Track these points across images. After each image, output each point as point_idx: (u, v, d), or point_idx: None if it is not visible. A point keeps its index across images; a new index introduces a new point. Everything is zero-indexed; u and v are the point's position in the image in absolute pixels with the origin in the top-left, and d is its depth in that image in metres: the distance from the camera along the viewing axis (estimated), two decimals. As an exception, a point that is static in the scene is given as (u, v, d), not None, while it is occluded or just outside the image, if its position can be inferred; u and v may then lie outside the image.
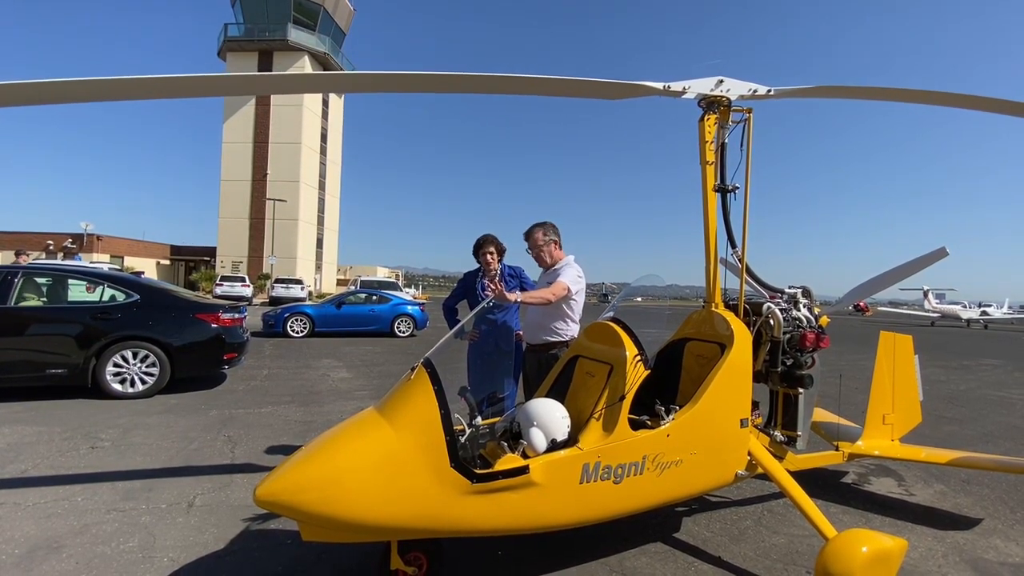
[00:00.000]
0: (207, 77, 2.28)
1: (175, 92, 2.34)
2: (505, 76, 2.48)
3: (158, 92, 2.30)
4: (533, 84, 2.62)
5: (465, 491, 2.20)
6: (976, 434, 6.10)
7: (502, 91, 2.61)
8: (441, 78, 2.46)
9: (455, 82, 2.49)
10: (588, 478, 2.45)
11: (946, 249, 3.33)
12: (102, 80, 2.08)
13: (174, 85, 2.25)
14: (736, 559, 2.96)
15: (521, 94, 2.70)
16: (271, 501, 2.07)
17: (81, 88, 2.11)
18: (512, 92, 2.65)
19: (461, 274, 4.45)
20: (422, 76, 2.45)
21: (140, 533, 2.99)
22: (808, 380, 3.24)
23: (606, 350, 2.86)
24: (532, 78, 2.53)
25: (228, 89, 2.52)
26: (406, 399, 2.29)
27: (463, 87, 2.54)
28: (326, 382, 7.94)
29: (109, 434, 4.82)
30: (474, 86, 2.54)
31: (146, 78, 2.14)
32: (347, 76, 2.54)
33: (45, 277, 6.55)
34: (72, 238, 37.72)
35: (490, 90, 2.58)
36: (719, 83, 3.09)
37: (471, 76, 2.44)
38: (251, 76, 2.82)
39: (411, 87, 2.56)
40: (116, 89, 2.16)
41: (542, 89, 2.71)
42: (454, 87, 2.55)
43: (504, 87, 2.59)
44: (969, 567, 2.97)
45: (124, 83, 2.12)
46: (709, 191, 3.17)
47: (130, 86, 2.16)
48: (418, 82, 2.51)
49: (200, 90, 2.39)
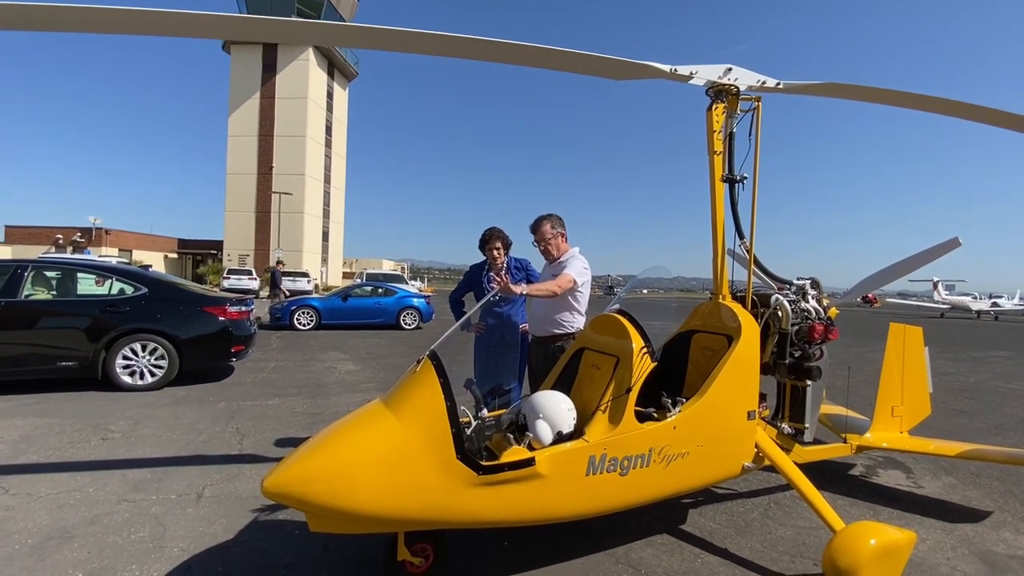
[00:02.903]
0: (207, 16, 2.15)
1: (174, 30, 2.19)
2: (503, 43, 2.37)
3: (154, 28, 2.17)
4: (533, 54, 2.51)
5: (471, 483, 2.21)
6: (986, 426, 6.05)
7: (500, 59, 2.48)
8: (435, 38, 2.32)
9: (451, 44, 2.37)
10: (594, 470, 2.44)
11: (959, 239, 3.28)
12: (91, 8, 1.96)
13: (173, 20, 2.12)
14: (743, 551, 2.95)
15: (519, 64, 2.58)
16: (278, 492, 2.08)
17: (70, 15, 1.99)
18: (510, 61, 2.53)
19: (467, 267, 4.45)
20: (413, 34, 2.30)
21: (151, 523, 3.02)
22: (816, 372, 3.22)
23: (612, 342, 2.84)
24: (532, 47, 2.42)
25: (225, 31, 2.34)
26: (412, 391, 2.29)
27: (459, 51, 2.42)
28: (333, 374, 7.98)
29: (119, 426, 4.87)
30: (471, 51, 2.41)
31: (140, 11, 2.02)
32: (338, 28, 2.44)
33: (54, 271, 6.60)
34: (81, 232, 38.13)
35: (487, 57, 2.46)
36: (727, 71, 3.04)
37: (467, 39, 2.31)
38: (242, 19, 2.58)
39: (402, 46, 2.39)
40: (106, 20, 2.03)
41: (542, 61, 2.61)
42: (450, 50, 2.42)
43: (502, 55, 2.48)
44: (979, 560, 2.95)
45: (114, 14, 1.99)
46: (717, 181, 3.13)
47: (120, 17, 2.02)
48: (409, 41, 2.36)
49: (200, 30, 2.24)
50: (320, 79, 44.50)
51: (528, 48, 2.46)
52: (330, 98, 46.49)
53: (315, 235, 45.28)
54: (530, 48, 2.46)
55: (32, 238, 37.81)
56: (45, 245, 36.17)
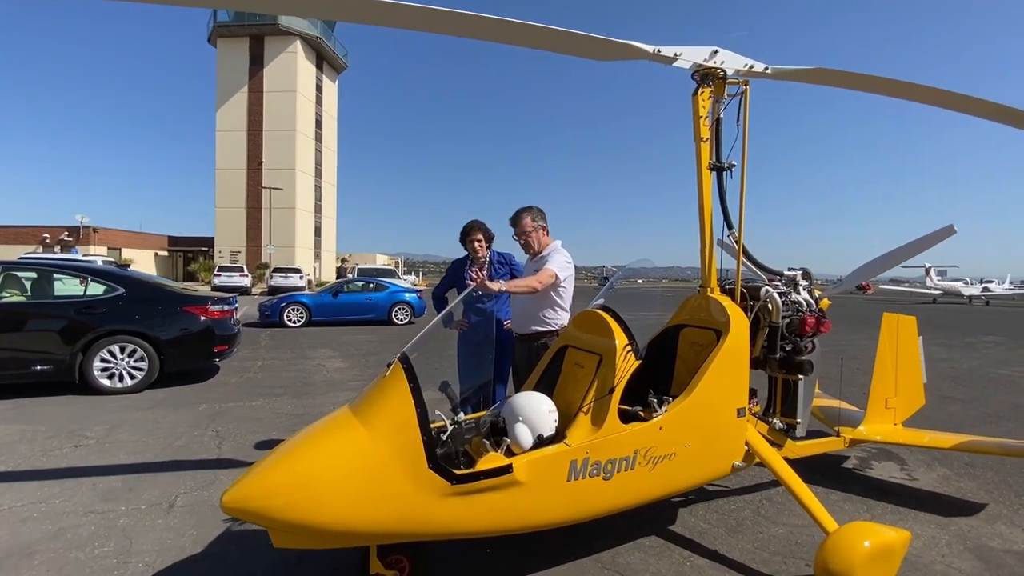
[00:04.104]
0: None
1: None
2: (475, 16, 2.19)
3: None
4: (509, 30, 2.35)
5: (445, 493, 2.09)
6: (979, 414, 6.00)
7: (471, 34, 2.30)
8: (400, 8, 2.16)
9: (417, 16, 2.18)
10: (576, 475, 2.33)
11: (954, 227, 3.17)
12: None
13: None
14: (733, 552, 2.86)
15: (494, 40, 2.41)
16: (238, 508, 1.96)
17: None
18: (484, 37, 2.34)
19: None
20: (375, 4, 2.14)
21: (116, 537, 2.89)
22: (808, 366, 3.11)
23: (595, 340, 2.72)
24: (508, 22, 2.25)
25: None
26: (380, 398, 2.16)
27: (423, 23, 2.23)
28: (321, 372, 7.84)
29: (95, 431, 4.72)
30: (436, 24, 2.24)
31: None
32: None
33: (28, 272, 6.40)
34: (68, 231, 37.63)
35: (456, 31, 2.28)
36: (713, 54, 2.90)
37: (433, 10, 2.17)
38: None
39: (366, 17, 2.23)
40: None
41: (519, 37, 2.42)
42: (414, 22, 2.21)
43: (474, 29, 2.30)
44: (973, 556, 2.87)
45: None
46: (704, 169, 3.00)
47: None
48: (368, 10, 2.18)
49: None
50: (309, 72, 43.91)
51: (503, 23, 2.29)
52: (319, 91, 45.91)
53: (307, 230, 44.91)
54: (506, 23, 2.29)
55: (19, 238, 37.30)
56: (32, 245, 35.71)
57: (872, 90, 3.17)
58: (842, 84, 3.10)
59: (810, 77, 3.04)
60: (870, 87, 3.12)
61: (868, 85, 3.09)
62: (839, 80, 3.06)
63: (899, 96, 3.14)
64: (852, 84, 3.07)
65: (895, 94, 3.14)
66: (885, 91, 3.15)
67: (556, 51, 2.57)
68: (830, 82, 3.11)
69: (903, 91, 3.07)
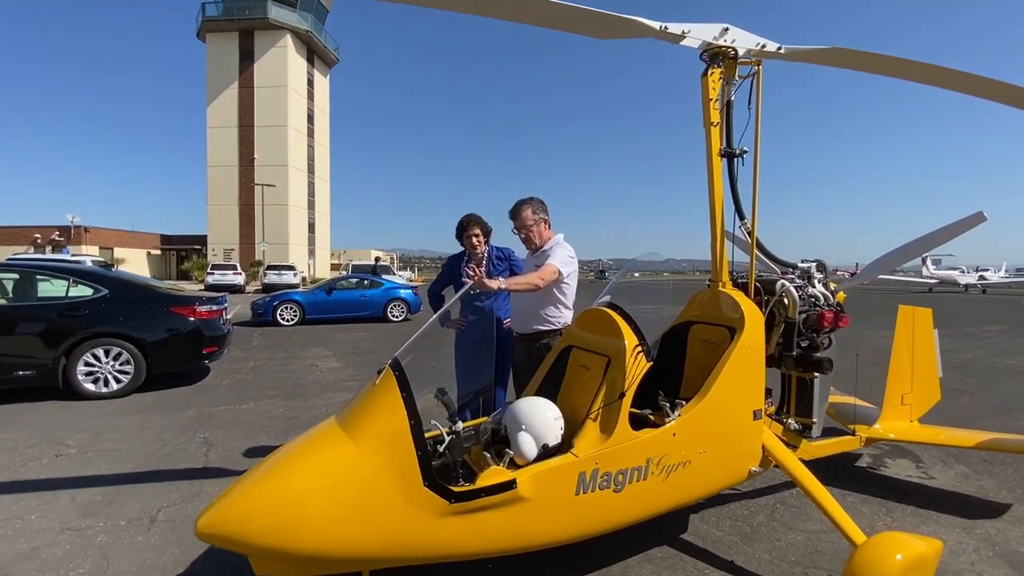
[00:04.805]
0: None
1: None
2: None
3: None
4: (507, 4, 2.17)
5: (442, 513, 1.90)
6: (990, 407, 5.87)
7: (465, 8, 2.15)
8: None
9: None
10: (585, 488, 2.15)
11: (983, 214, 3.00)
12: None
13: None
14: (751, 563, 2.69)
15: (492, 16, 2.22)
16: (213, 533, 1.77)
17: None
18: (476, 11, 2.19)
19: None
20: None
21: (93, 556, 2.70)
22: (828, 364, 2.94)
23: (602, 340, 2.54)
24: None
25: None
26: (369, 409, 1.97)
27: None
28: (314, 373, 7.64)
29: (77, 439, 4.51)
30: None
31: None
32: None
33: (7, 273, 6.16)
34: (59, 231, 37.12)
35: (456, 6, 2.12)
36: (724, 31, 2.70)
37: None
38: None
39: None
40: None
41: (517, 12, 2.24)
42: None
43: (473, 4, 2.13)
44: (1005, 563, 2.71)
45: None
46: (714, 156, 2.81)
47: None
48: None
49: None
50: (300, 66, 43.35)
51: None
52: (311, 86, 45.37)
53: (301, 227, 44.50)
54: None
55: (9, 238, 36.75)
56: (23, 245, 35.19)
57: (891, 73, 2.96)
58: (859, 66, 2.91)
59: (825, 58, 2.85)
60: (890, 70, 2.91)
61: (887, 67, 2.88)
62: (857, 61, 2.87)
63: (921, 80, 2.95)
64: (870, 66, 2.87)
65: (917, 78, 2.94)
66: (906, 74, 2.95)
67: (556, 27, 2.36)
68: (847, 63, 2.92)
69: (925, 75, 2.87)
